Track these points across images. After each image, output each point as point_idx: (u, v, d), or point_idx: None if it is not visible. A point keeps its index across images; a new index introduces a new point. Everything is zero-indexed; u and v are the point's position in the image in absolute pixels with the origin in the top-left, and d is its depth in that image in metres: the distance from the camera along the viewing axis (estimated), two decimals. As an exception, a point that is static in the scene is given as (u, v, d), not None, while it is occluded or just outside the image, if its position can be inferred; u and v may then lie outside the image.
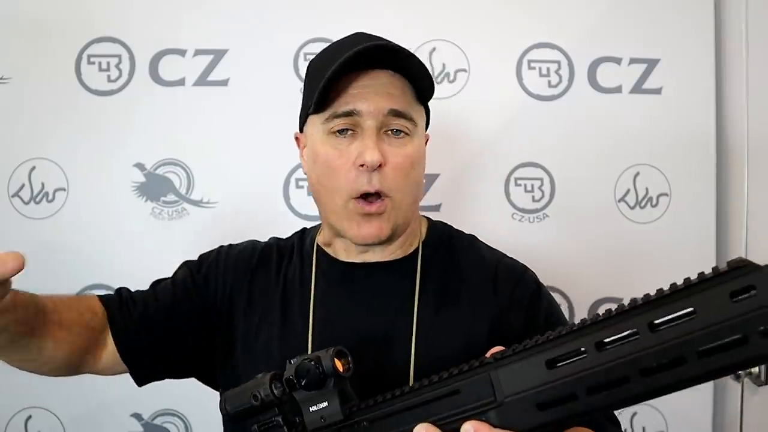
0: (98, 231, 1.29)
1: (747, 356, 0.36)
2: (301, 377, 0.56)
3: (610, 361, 0.40)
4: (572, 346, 0.43)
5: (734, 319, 0.36)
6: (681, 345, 0.38)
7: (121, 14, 1.31)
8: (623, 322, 0.40)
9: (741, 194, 1.35)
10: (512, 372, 0.46)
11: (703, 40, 1.36)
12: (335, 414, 0.56)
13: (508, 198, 1.35)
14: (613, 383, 0.40)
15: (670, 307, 0.39)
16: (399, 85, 0.73)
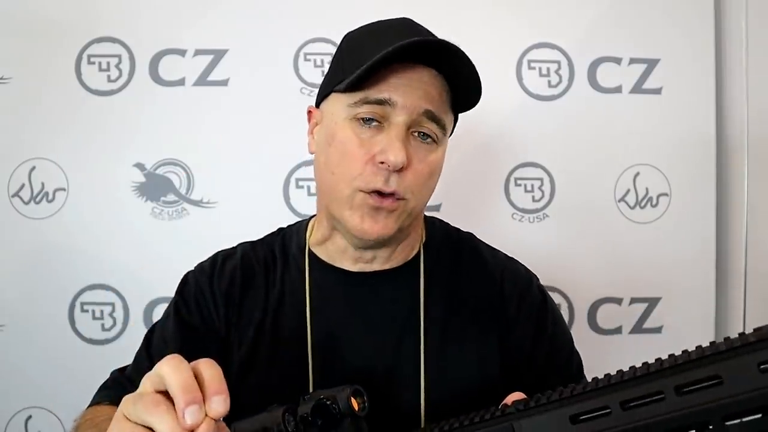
0: (98, 231, 1.29)
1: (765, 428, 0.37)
2: (317, 416, 0.54)
3: (635, 421, 0.40)
4: (597, 403, 0.42)
5: (762, 389, 0.36)
6: (706, 411, 0.38)
7: (121, 14, 1.31)
8: (649, 382, 0.40)
9: (741, 194, 1.35)
10: (535, 424, 0.45)
11: (703, 40, 1.36)
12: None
13: (508, 198, 1.35)
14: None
15: (697, 372, 0.39)
16: (439, 87, 0.67)
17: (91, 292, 1.30)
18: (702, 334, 1.37)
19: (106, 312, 1.31)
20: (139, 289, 1.30)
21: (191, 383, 0.40)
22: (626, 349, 1.36)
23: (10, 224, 1.29)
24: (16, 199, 1.30)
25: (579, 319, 1.37)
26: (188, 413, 0.39)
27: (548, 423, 0.44)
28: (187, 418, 0.39)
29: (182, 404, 0.39)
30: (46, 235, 1.29)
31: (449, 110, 0.70)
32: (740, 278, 1.34)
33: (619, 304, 1.37)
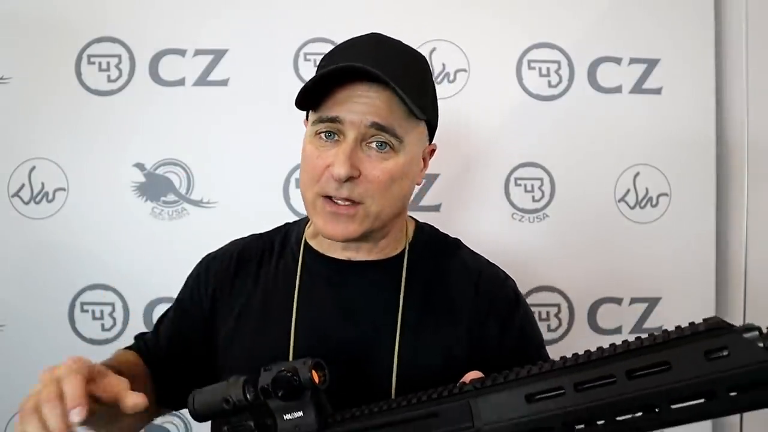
0: (98, 231, 1.29)
1: (714, 410, 0.40)
2: (278, 388, 0.56)
3: (587, 401, 0.43)
4: (552, 384, 0.45)
5: (706, 376, 0.39)
6: (654, 394, 0.41)
7: (121, 14, 1.31)
8: (603, 366, 0.44)
9: (741, 194, 1.35)
10: (492, 402, 0.47)
11: (703, 40, 1.36)
12: (310, 425, 0.56)
13: (508, 198, 1.35)
14: (587, 423, 0.43)
15: (648, 357, 0.42)
16: (387, 99, 0.71)
17: (91, 292, 1.30)
18: (702, 334, 1.37)
19: (106, 312, 1.31)
20: (139, 289, 1.30)
21: (53, 398, 0.55)
22: (626, 349, 1.36)
23: (10, 224, 1.29)
24: (16, 199, 1.30)
25: (579, 319, 1.37)
26: (49, 422, 0.54)
27: (504, 401, 0.46)
28: (49, 425, 0.54)
29: (45, 412, 0.55)
30: (46, 235, 1.29)
31: (407, 119, 0.73)
32: (740, 278, 1.34)
33: (619, 304, 1.37)
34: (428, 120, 0.77)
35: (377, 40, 0.77)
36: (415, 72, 0.76)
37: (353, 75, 0.70)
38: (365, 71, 0.68)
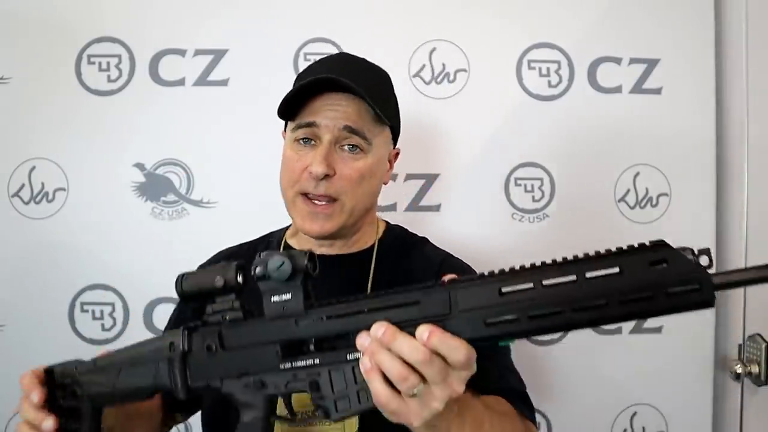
0: (98, 231, 1.29)
1: (652, 309, 0.49)
2: (273, 268, 0.59)
3: (550, 296, 0.51)
4: (522, 281, 0.53)
5: (648, 280, 0.49)
6: (607, 293, 0.50)
7: (121, 14, 1.31)
8: (566, 269, 0.51)
9: (741, 194, 1.35)
10: (469, 293, 0.54)
11: (703, 40, 1.36)
12: (297, 306, 0.60)
13: (508, 198, 1.35)
14: (549, 314, 0.51)
15: (604, 263, 0.50)
16: (357, 106, 0.82)
17: (91, 292, 1.30)
18: (702, 334, 1.37)
19: (106, 312, 1.31)
20: (139, 289, 1.30)
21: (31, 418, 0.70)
22: (626, 349, 1.36)
23: (10, 224, 1.29)
24: (16, 199, 1.30)
25: (579, 319, 1.36)
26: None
27: (480, 293, 0.54)
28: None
29: None
30: (46, 235, 1.29)
31: (374, 124, 0.84)
32: (740, 278, 1.34)
33: (619, 304, 1.37)
34: (392, 126, 0.89)
35: (345, 58, 0.90)
36: (379, 84, 0.88)
37: (327, 86, 0.81)
38: (338, 82, 0.79)
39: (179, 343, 0.64)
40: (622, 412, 1.37)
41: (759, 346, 1.28)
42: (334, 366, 0.58)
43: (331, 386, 0.58)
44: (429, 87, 1.35)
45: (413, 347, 0.53)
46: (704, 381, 1.37)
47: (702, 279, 0.50)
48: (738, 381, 1.33)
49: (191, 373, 0.64)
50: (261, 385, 0.61)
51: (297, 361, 0.60)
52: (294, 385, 0.60)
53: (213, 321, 0.64)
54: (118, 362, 0.69)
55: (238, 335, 0.62)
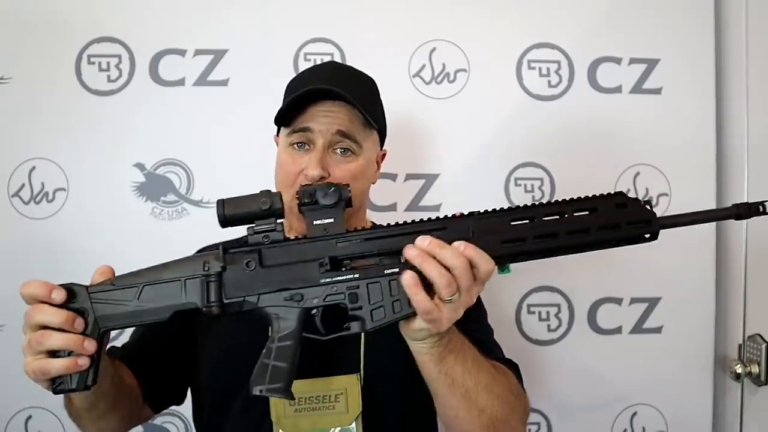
0: (98, 231, 1.29)
1: (618, 236, 0.70)
2: (321, 194, 0.69)
3: (549, 225, 0.69)
4: (527, 214, 0.70)
5: (615, 215, 0.70)
6: (588, 222, 0.69)
7: (121, 14, 1.31)
8: (559, 207, 0.70)
9: (741, 194, 1.35)
10: (486, 222, 0.69)
11: (703, 40, 1.36)
12: (339, 228, 0.69)
13: (508, 198, 1.35)
14: (549, 235, 0.69)
15: (585, 204, 0.70)
16: (348, 112, 0.87)
17: (91, 292, 1.30)
18: (702, 334, 1.37)
19: (106, 312, 1.31)
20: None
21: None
22: (626, 349, 1.36)
23: (10, 224, 1.29)
24: (16, 199, 1.30)
25: (579, 319, 1.37)
26: None
27: (496, 223, 0.69)
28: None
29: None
30: (46, 235, 1.29)
31: (364, 129, 0.89)
32: (740, 278, 1.34)
33: (619, 304, 1.37)
34: (380, 129, 0.93)
35: (336, 66, 0.96)
36: (366, 90, 0.93)
37: (320, 95, 0.86)
38: (332, 92, 0.85)
39: (215, 260, 0.69)
40: (622, 412, 1.37)
41: (759, 346, 1.28)
42: (372, 280, 0.67)
43: (368, 297, 0.67)
44: (429, 87, 1.35)
45: (456, 254, 0.64)
46: (704, 381, 1.37)
47: (651, 216, 0.72)
48: (738, 381, 1.33)
49: (226, 289, 0.68)
50: (300, 297, 0.68)
51: (337, 276, 0.68)
52: (333, 297, 0.68)
53: (254, 242, 0.70)
54: (141, 280, 0.72)
55: (279, 254, 0.69)
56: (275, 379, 0.67)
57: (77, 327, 0.66)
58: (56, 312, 0.67)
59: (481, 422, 0.74)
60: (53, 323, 0.67)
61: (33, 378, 0.69)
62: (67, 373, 0.66)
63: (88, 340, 0.66)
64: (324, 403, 0.84)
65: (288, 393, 0.67)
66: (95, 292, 0.72)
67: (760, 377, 1.28)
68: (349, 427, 0.84)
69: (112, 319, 0.70)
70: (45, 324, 0.68)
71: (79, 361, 0.65)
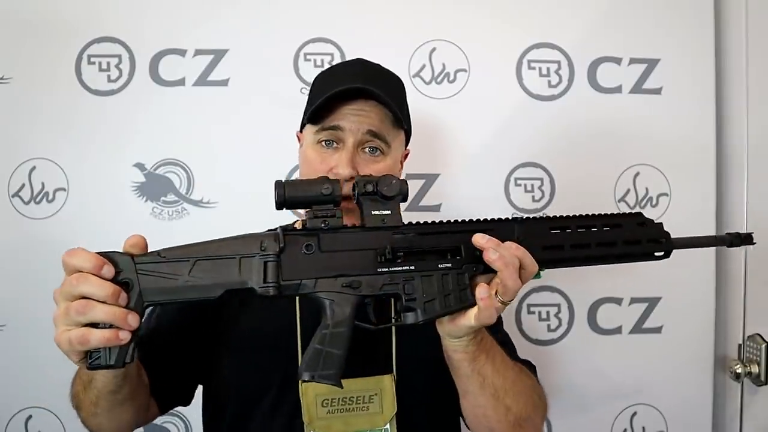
0: (98, 231, 1.29)
1: (639, 251, 0.78)
2: (383, 186, 0.70)
3: (583, 235, 0.76)
4: (565, 225, 0.76)
5: (637, 232, 0.78)
6: (615, 236, 0.77)
7: (121, 14, 1.31)
8: (591, 220, 0.77)
9: (741, 194, 1.35)
10: (529, 228, 0.74)
11: (703, 40, 1.36)
12: (396, 220, 0.71)
13: (508, 198, 1.35)
14: (583, 245, 0.76)
15: (613, 220, 0.78)
16: (378, 112, 0.86)
17: (91, 292, 1.30)
18: (702, 334, 1.37)
19: (106, 312, 1.30)
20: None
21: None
22: (626, 349, 1.36)
23: (10, 224, 1.29)
24: (16, 199, 1.30)
25: (579, 319, 1.37)
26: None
27: (537, 229, 0.75)
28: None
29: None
30: (46, 235, 1.29)
31: (393, 128, 0.89)
32: (740, 278, 1.34)
33: (619, 304, 1.37)
34: (406, 128, 0.93)
35: (366, 65, 0.93)
36: (396, 89, 0.92)
37: (352, 93, 0.84)
38: (365, 90, 0.84)
39: (273, 241, 0.68)
40: (622, 412, 1.37)
41: (759, 346, 1.28)
42: (426, 273, 0.70)
43: (422, 290, 0.69)
44: (429, 87, 1.35)
45: (511, 253, 0.69)
46: (704, 381, 1.37)
47: (667, 235, 0.79)
48: (738, 381, 1.33)
49: (283, 271, 0.67)
50: (358, 285, 0.69)
51: (394, 267, 0.69)
52: (389, 287, 0.69)
53: (313, 226, 0.70)
54: (194, 254, 0.68)
55: (338, 240, 0.69)
56: (328, 366, 0.67)
57: (121, 301, 0.62)
58: (102, 284, 0.62)
59: (508, 420, 0.77)
60: (97, 296, 0.62)
61: (67, 349, 0.63)
62: (107, 345, 0.61)
63: (132, 315, 0.61)
64: (358, 404, 0.83)
65: (338, 380, 0.67)
66: (142, 263, 0.66)
67: (760, 377, 1.28)
68: (383, 428, 0.84)
69: (158, 294, 0.65)
70: (89, 296, 0.62)
71: (121, 334, 0.60)
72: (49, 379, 1.27)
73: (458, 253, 0.71)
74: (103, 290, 0.61)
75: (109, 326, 0.61)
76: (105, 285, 0.62)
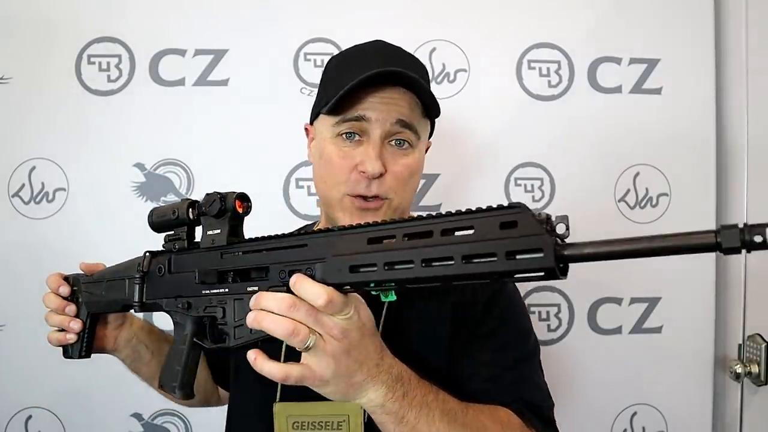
0: (98, 231, 1.29)
1: (492, 270, 0.47)
2: (206, 205, 0.69)
3: (407, 247, 0.51)
4: (388, 232, 0.53)
5: (494, 241, 0.47)
6: (455, 248, 0.48)
7: (121, 14, 1.31)
8: (425, 224, 0.51)
9: (741, 194, 1.35)
10: (344, 240, 0.56)
11: (703, 40, 1.36)
12: (221, 240, 0.68)
13: (508, 198, 1.35)
14: (401, 262, 0.51)
15: (461, 221, 0.49)
16: (408, 99, 0.77)
17: (91, 292, 1.30)
18: (702, 334, 1.37)
19: (106, 312, 1.31)
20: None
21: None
22: (626, 349, 1.36)
23: (10, 224, 1.29)
24: (16, 199, 1.30)
25: (579, 319, 1.37)
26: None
27: (353, 241, 0.55)
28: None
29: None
30: (46, 235, 1.29)
31: (421, 118, 0.80)
32: (740, 278, 1.34)
33: (619, 304, 1.37)
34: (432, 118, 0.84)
35: (387, 48, 0.83)
36: (423, 73, 0.83)
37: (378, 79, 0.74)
38: (402, 76, 0.74)
39: (142, 264, 0.75)
40: (622, 412, 1.37)
41: (759, 346, 1.28)
42: (238, 296, 0.65)
43: (234, 313, 0.65)
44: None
45: (278, 299, 0.54)
46: (704, 381, 1.37)
47: (545, 244, 0.45)
48: (738, 381, 1.33)
49: (146, 291, 0.75)
50: (188, 306, 0.70)
51: (213, 289, 0.68)
52: (210, 309, 0.68)
53: (166, 249, 0.75)
54: (107, 276, 0.82)
55: (182, 262, 0.72)
56: (171, 379, 0.71)
57: (68, 311, 0.82)
58: (54, 300, 0.84)
59: None
60: (53, 308, 0.84)
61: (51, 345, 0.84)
62: (58, 344, 0.83)
63: (74, 321, 0.82)
64: (327, 428, 0.79)
65: (178, 393, 0.70)
66: (85, 283, 0.85)
67: (760, 377, 1.28)
68: None
69: (93, 306, 0.83)
70: (49, 308, 0.84)
71: (67, 336, 0.81)
72: (49, 379, 1.28)
73: (266, 274, 0.61)
74: (54, 304, 0.83)
75: (62, 330, 0.83)
76: (56, 300, 0.83)
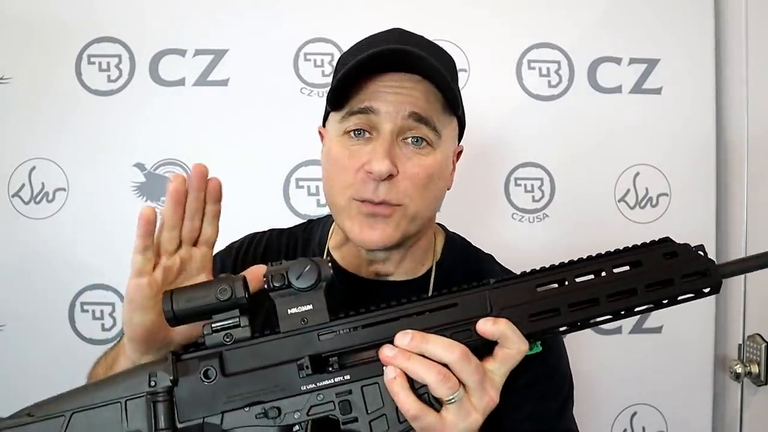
0: (98, 231, 1.29)
1: (672, 294, 0.58)
2: (294, 275, 0.53)
3: (584, 288, 0.55)
4: (556, 277, 0.56)
5: (665, 269, 0.57)
6: (633, 281, 0.56)
7: (121, 14, 1.31)
8: (593, 264, 0.57)
9: (741, 194, 1.35)
10: (506, 291, 0.55)
11: (703, 40, 1.36)
12: (321, 316, 0.53)
13: (508, 198, 1.35)
14: (586, 302, 0.55)
15: (626, 258, 0.57)
16: (424, 89, 0.66)
17: (91, 292, 1.30)
18: (702, 334, 1.37)
19: (106, 312, 1.31)
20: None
21: None
22: (626, 349, 1.36)
23: (10, 224, 1.29)
24: (16, 199, 1.30)
25: (579, 319, 1.36)
26: None
27: (519, 291, 0.55)
28: None
29: None
30: (46, 235, 1.29)
31: (443, 112, 0.69)
32: (740, 278, 1.34)
33: (619, 304, 1.37)
34: (459, 116, 0.73)
35: (404, 33, 0.72)
36: (447, 62, 0.71)
37: (387, 64, 0.65)
38: (410, 55, 0.63)
39: (163, 372, 0.52)
40: (622, 412, 1.37)
41: (759, 346, 1.28)
42: (368, 381, 0.52)
43: (365, 404, 0.52)
44: (429, 87, 1.35)
45: (447, 344, 0.49)
46: (704, 381, 1.37)
47: (709, 267, 0.58)
48: (738, 381, 1.33)
49: (180, 409, 0.52)
50: (277, 413, 0.52)
51: (323, 380, 0.52)
52: (319, 408, 0.52)
53: (212, 343, 0.54)
54: (68, 407, 0.52)
55: (246, 357, 0.53)
56: None
57: None
58: None
59: None
60: None
61: None
62: None
63: None
64: None
65: None
66: (5, 428, 0.52)
67: (760, 377, 1.28)
68: None
69: None
70: None
71: None
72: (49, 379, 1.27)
73: None
74: None
75: None
76: None
